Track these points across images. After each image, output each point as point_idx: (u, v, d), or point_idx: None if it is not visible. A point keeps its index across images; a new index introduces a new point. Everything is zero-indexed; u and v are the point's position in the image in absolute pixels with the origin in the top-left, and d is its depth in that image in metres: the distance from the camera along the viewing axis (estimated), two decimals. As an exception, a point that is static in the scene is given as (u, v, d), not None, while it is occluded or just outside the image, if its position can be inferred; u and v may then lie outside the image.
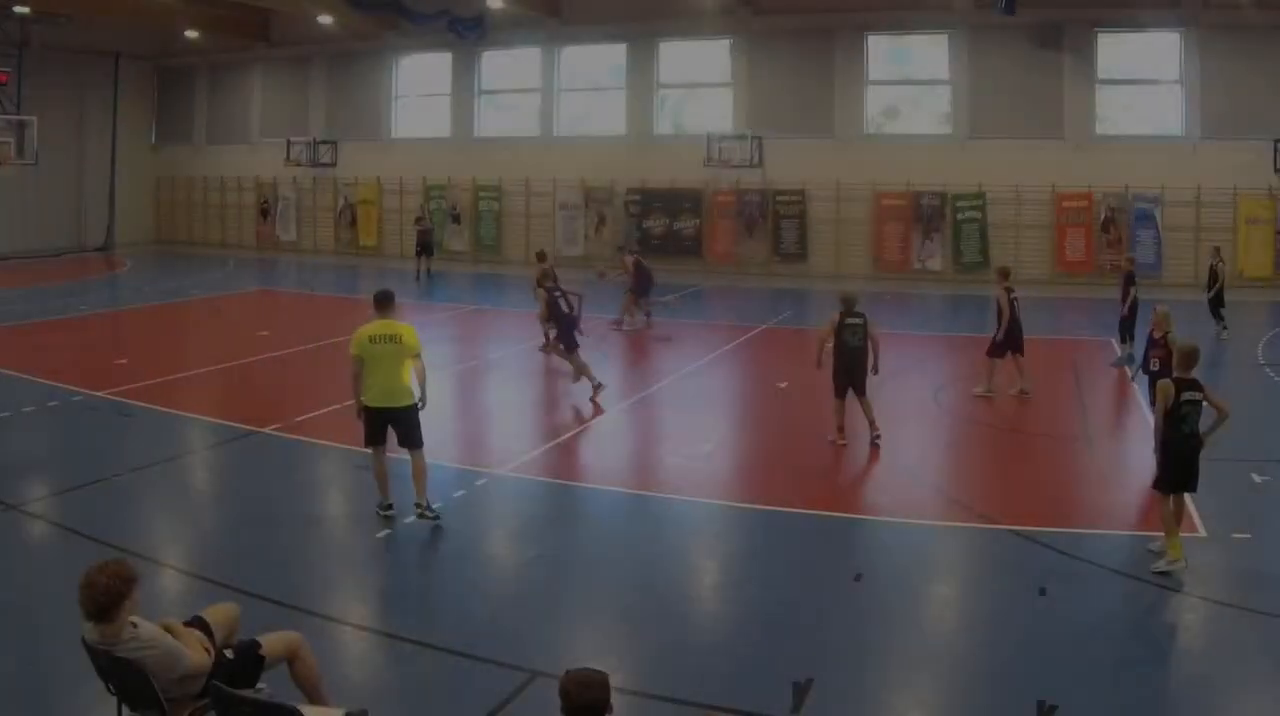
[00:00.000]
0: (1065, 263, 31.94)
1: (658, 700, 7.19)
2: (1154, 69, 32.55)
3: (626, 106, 35.04)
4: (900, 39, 34.23)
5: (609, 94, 35.63)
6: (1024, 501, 11.73)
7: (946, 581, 9.77)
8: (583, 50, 35.92)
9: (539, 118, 35.93)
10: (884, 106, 34.58)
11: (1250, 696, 7.48)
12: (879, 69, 34.10)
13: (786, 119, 33.27)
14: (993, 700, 7.33)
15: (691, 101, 35.86)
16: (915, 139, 33.72)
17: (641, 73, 34.90)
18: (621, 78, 35.19)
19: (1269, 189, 30.56)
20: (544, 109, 35.85)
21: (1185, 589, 9.14)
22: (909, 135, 34.12)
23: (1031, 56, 31.97)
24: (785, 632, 8.28)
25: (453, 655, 7.71)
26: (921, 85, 34.37)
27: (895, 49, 34.53)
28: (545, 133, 35.85)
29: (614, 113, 35.35)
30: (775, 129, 33.22)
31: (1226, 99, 31.02)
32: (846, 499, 12.13)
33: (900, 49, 34.56)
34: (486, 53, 36.62)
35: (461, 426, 15.37)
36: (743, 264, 33.61)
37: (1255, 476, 12.07)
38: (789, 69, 33.61)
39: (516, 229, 35.66)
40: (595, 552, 10.16)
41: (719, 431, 15.07)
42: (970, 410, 16.08)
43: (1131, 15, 31.73)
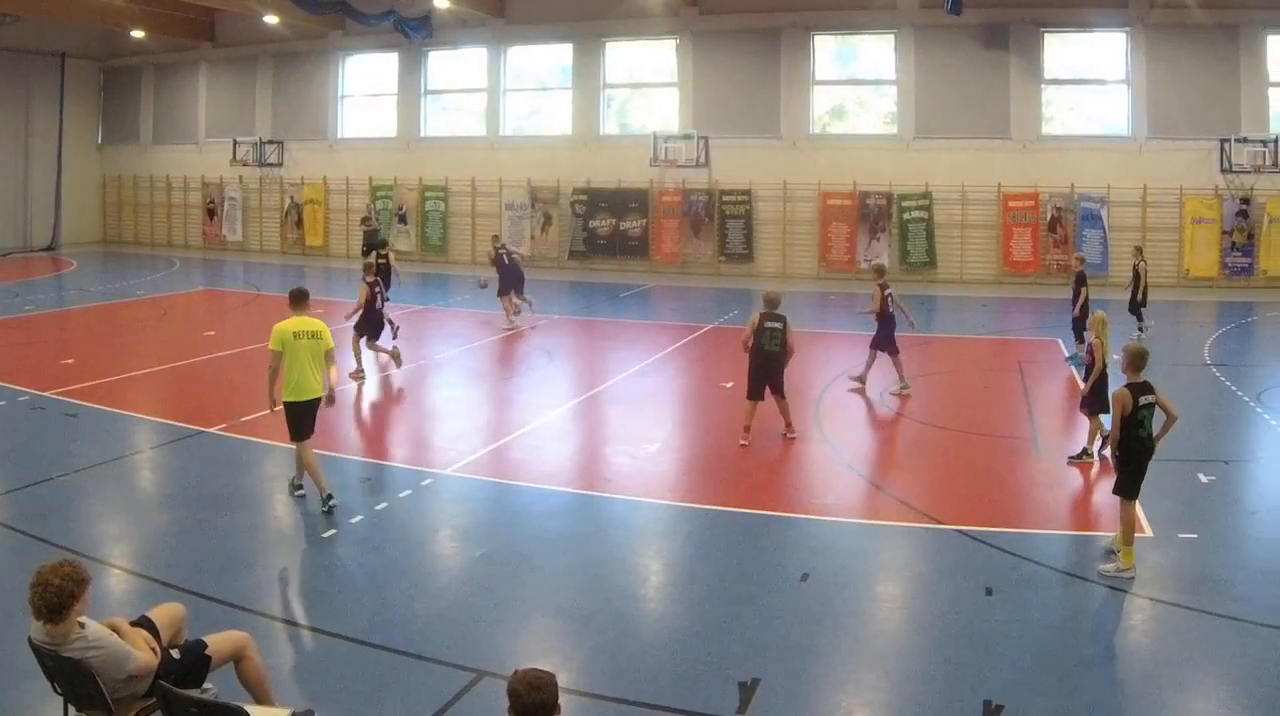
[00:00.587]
0: (1011, 262, 31.22)
1: (603, 700, 7.07)
2: (1100, 69, 31.96)
3: (572, 106, 34.15)
4: (846, 39, 33.51)
5: (555, 94, 34.78)
6: (971, 501, 11.52)
7: (893, 581, 9.62)
8: (528, 50, 35.05)
9: (485, 118, 35.06)
10: (830, 106, 33.81)
11: (1196, 696, 7.33)
12: (825, 69, 33.32)
13: (733, 119, 32.55)
14: (939, 700, 7.17)
15: (637, 101, 35.03)
16: (861, 139, 33.07)
17: (587, 73, 34.06)
18: (567, 78, 34.30)
19: (1215, 189, 30.07)
20: (490, 109, 34.93)
21: (1132, 589, 9.03)
22: (855, 135, 33.50)
23: (978, 56, 31.42)
24: (731, 632, 8.14)
25: (399, 655, 7.61)
26: (868, 85, 33.67)
27: (841, 49, 33.76)
28: (491, 133, 34.91)
29: (560, 113, 34.50)
30: (721, 129, 32.49)
31: (1173, 99, 30.46)
32: (793, 499, 11.88)
33: (846, 49, 33.79)
34: (432, 53, 35.75)
35: (407, 427, 15.23)
36: (689, 264, 32.77)
37: (1201, 477, 11.97)
38: (735, 69, 32.82)
39: (463, 229, 34.79)
40: (541, 552, 9.94)
41: (665, 431, 14.82)
42: (917, 410, 15.74)
43: (1078, 15, 31.26)
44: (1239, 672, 7.56)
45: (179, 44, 39.06)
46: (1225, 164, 29.95)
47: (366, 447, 13.57)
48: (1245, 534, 10.59)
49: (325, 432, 13.50)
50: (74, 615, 5.45)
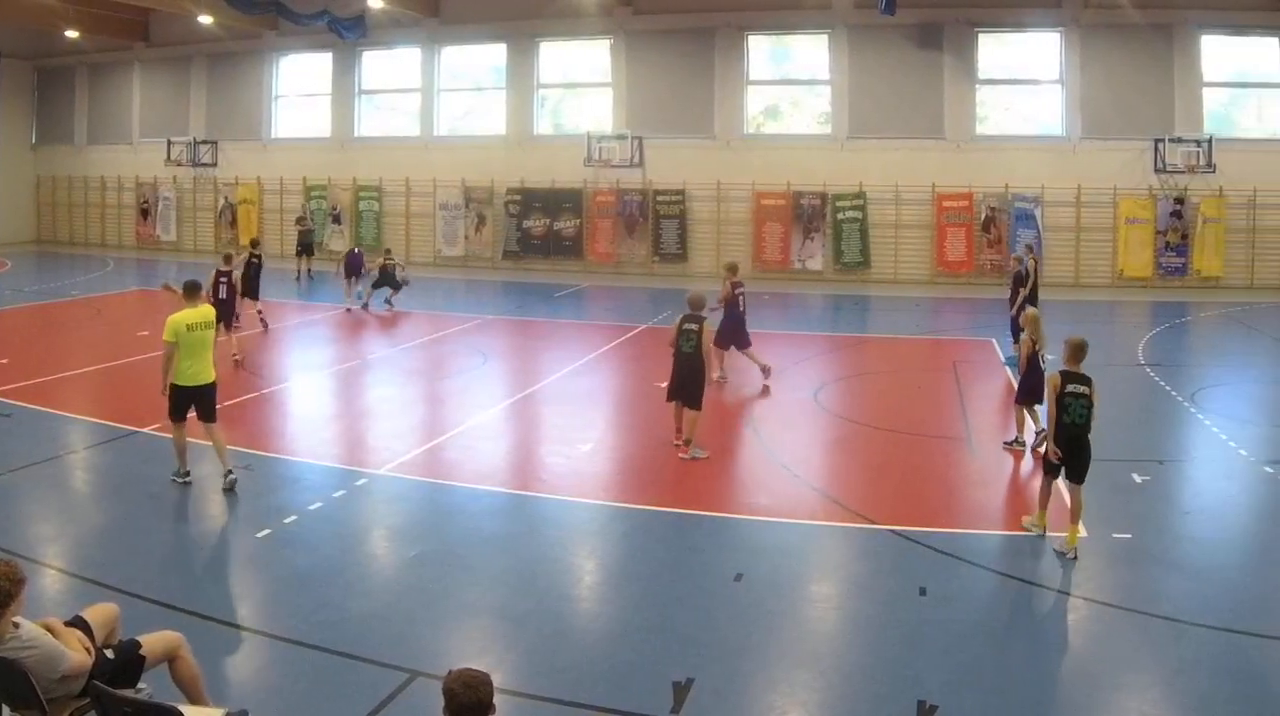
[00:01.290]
0: (946, 262, 30.35)
1: (538, 700, 6.94)
2: (1034, 69, 31.06)
3: (506, 106, 33.05)
4: (780, 39, 32.48)
5: (489, 94, 33.70)
6: (904, 501, 11.29)
7: (827, 581, 9.43)
8: (462, 50, 33.94)
9: (419, 118, 33.98)
10: (764, 106, 32.75)
11: (1131, 695, 7.20)
12: (759, 69, 32.26)
13: (667, 119, 31.53)
14: (873, 700, 7.06)
15: (571, 101, 33.88)
16: (796, 139, 32.03)
17: (521, 72, 32.95)
18: (501, 78, 33.19)
19: (1149, 189, 29.32)
20: (424, 109, 33.86)
21: (1066, 588, 8.96)
22: (789, 135, 32.43)
23: (912, 56, 30.55)
24: (665, 632, 8.00)
25: (333, 654, 7.47)
26: (802, 85, 32.64)
27: (775, 49, 32.68)
28: (425, 133, 33.86)
29: (494, 113, 33.42)
30: (655, 129, 31.45)
31: (1107, 99, 29.67)
32: (727, 498, 11.61)
33: (780, 49, 32.70)
34: (366, 53, 34.66)
35: (341, 426, 14.72)
36: (623, 264, 31.68)
37: (1136, 476, 11.78)
38: (669, 69, 31.77)
39: (397, 229, 33.70)
40: (475, 552, 9.74)
41: (599, 431, 14.50)
42: (851, 410, 15.51)
43: (1012, 15, 30.30)
44: (1173, 672, 7.44)
45: (113, 44, 37.75)
46: (1159, 164, 29.22)
47: (300, 447, 13.17)
48: (1179, 534, 10.39)
49: (259, 433, 13.69)
50: (9, 615, 5.39)
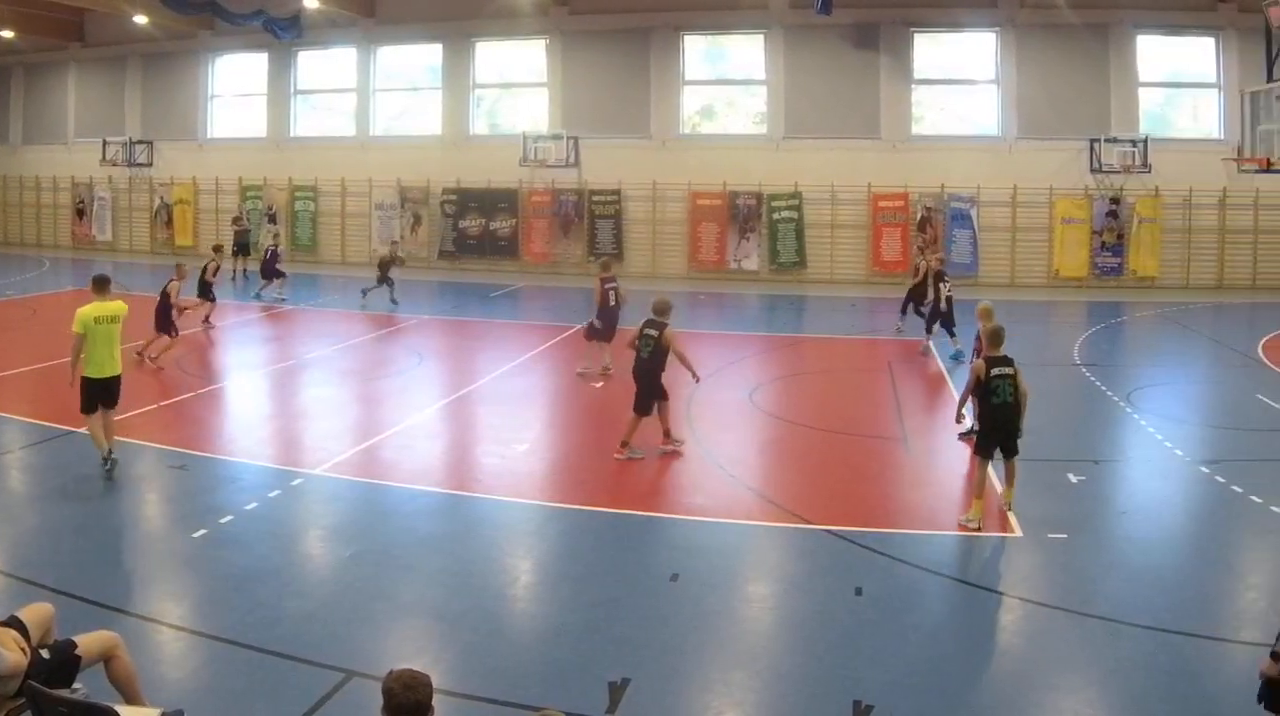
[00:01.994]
0: (881, 262, 29.39)
1: (474, 700, 6.76)
2: (970, 69, 30.15)
3: (442, 107, 31.96)
4: (716, 39, 31.43)
5: (424, 94, 32.63)
6: (840, 501, 11.05)
7: (763, 581, 9.23)
8: (398, 50, 32.84)
9: (355, 118, 32.94)
10: (700, 106, 31.66)
11: (1066, 695, 7.03)
12: (695, 69, 31.17)
13: (602, 119, 30.48)
14: (809, 700, 6.87)
15: (507, 101, 32.76)
16: (731, 139, 30.99)
17: (457, 73, 31.85)
18: (437, 78, 32.12)
19: (1085, 189, 28.61)
20: (360, 109, 32.81)
21: (1001, 588, 8.81)
22: (725, 135, 31.34)
23: (848, 56, 29.56)
24: (601, 632, 7.77)
25: (269, 655, 7.28)
26: (737, 85, 31.58)
27: (711, 49, 31.59)
28: (361, 133, 32.79)
29: (430, 113, 32.40)
30: (591, 129, 30.40)
31: (1043, 99, 28.77)
32: (662, 499, 11.41)
33: (716, 49, 31.62)
34: (302, 53, 33.52)
35: (277, 426, 14.34)
36: (559, 264, 30.61)
37: (1071, 477, 11.60)
38: (605, 69, 30.76)
39: (332, 229, 32.65)
40: (411, 552, 9.51)
41: (534, 431, 14.15)
42: (787, 410, 15.19)
43: (948, 15, 29.36)
44: (1108, 672, 7.29)
45: (48, 44, 36.44)
46: (1095, 164, 28.48)
47: (236, 448, 12.82)
48: (1115, 534, 10.16)
49: (195, 433, 13.37)
50: None
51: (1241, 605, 8.62)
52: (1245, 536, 10.32)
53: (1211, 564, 9.41)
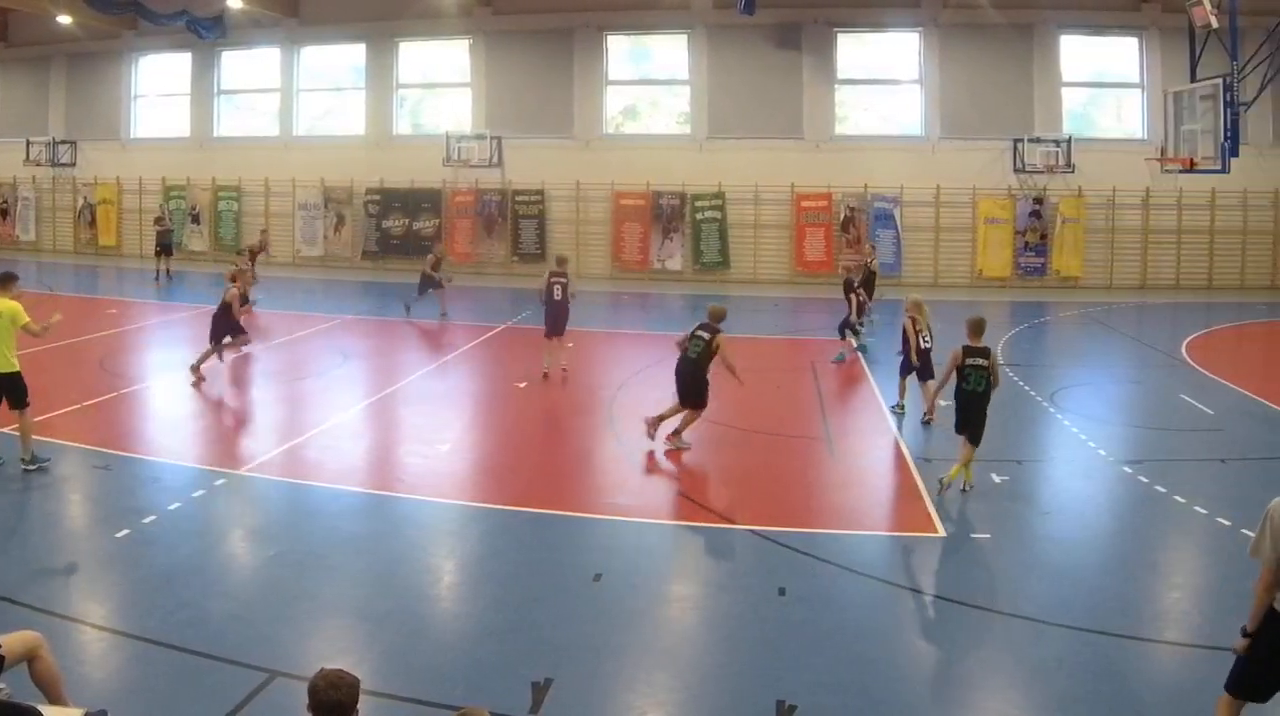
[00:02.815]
0: (805, 262, 28.46)
1: (397, 700, 6.65)
2: (894, 69, 29.21)
3: (366, 106, 30.95)
4: (639, 39, 30.39)
5: (348, 94, 31.69)
6: (764, 501, 10.76)
7: (686, 581, 8.95)
8: (322, 50, 31.85)
9: (278, 118, 31.91)
10: (623, 106, 30.58)
11: (990, 695, 6.97)
12: (618, 69, 30.12)
13: (526, 119, 29.49)
14: (732, 700, 6.75)
15: (431, 101, 31.71)
16: (655, 139, 29.94)
17: (380, 73, 30.84)
18: (361, 78, 31.13)
19: (1008, 189, 27.69)
20: (283, 109, 31.75)
21: (925, 588, 8.64)
22: (648, 135, 30.26)
23: (771, 56, 28.60)
24: (524, 632, 7.62)
25: (192, 655, 7.16)
26: (661, 85, 30.52)
27: (635, 49, 30.55)
28: (285, 133, 31.73)
29: (353, 113, 31.46)
30: (515, 129, 29.38)
31: (966, 99, 27.95)
32: (586, 498, 11.09)
33: (639, 49, 30.56)
34: (226, 52, 32.48)
35: (201, 426, 13.98)
36: (482, 264, 29.54)
37: (995, 477, 11.37)
38: (528, 69, 29.75)
39: (255, 229, 30.77)
40: (335, 552, 9.22)
41: (458, 431, 13.90)
42: (710, 410, 13.91)
43: (871, 15, 28.43)
44: (1031, 672, 7.14)
45: None
46: (1018, 164, 27.67)
47: (159, 447, 12.50)
48: (1038, 534, 10.00)
49: (118, 433, 12.99)
50: None
51: (1165, 605, 8.48)
52: (1168, 536, 10.17)
53: (1135, 564, 9.26)
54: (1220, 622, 7.68)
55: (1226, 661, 6.78)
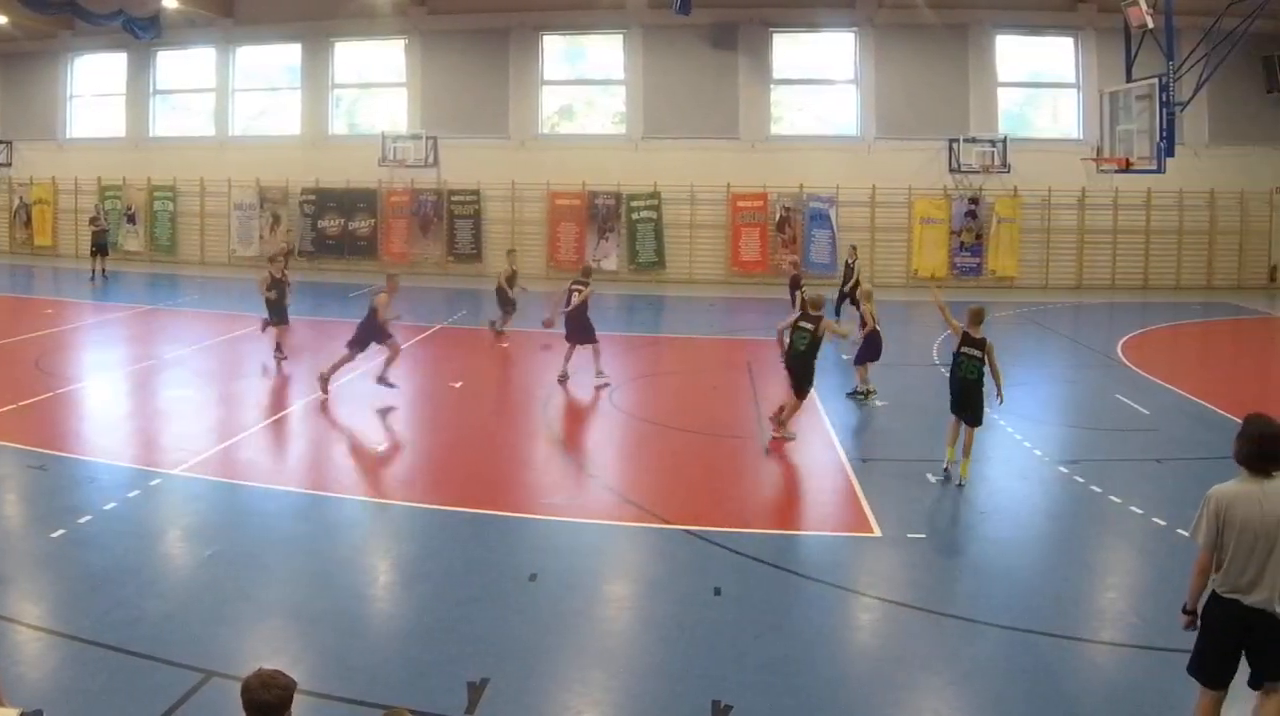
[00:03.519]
0: (740, 262, 27.78)
1: (333, 700, 6.56)
2: (829, 69, 28.48)
3: (301, 106, 30.19)
4: (575, 39, 29.67)
5: (283, 94, 30.99)
6: (699, 501, 10.55)
7: (622, 581, 8.80)
8: (257, 50, 31.17)
9: (214, 118, 31.23)
10: (559, 106, 29.79)
11: (925, 695, 6.85)
12: (554, 69, 29.34)
13: (461, 119, 28.79)
14: (668, 699, 6.64)
15: (366, 101, 31.02)
16: (590, 139, 29.18)
17: (316, 73, 30.09)
18: (296, 78, 30.41)
19: (944, 189, 27.00)
20: (219, 109, 31.06)
21: (860, 588, 8.48)
22: (584, 135, 29.50)
23: (707, 57, 27.84)
24: (460, 632, 7.49)
25: (128, 655, 7.05)
26: (596, 85, 29.79)
27: (570, 49, 29.79)
28: (220, 133, 31.02)
29: (289, 113, 30.78)
30: (450, 129, 28.68)
31: (902, 99, 27.29)
32: (522, 498, 10.81)
33: (575, 49, 29.82)
34: (161, 52, 31.71)
35: (136, 426, 13.69)
36: (418, 264, 28.72)
37: (930, 477, 11.21)
38: (464, 69, 29.04)
39: (191, 229, 30.90)
40: (270, 552, 9.10)
41: (394, 431, 13.57)
42: (646, 410, 14.69)
43: (806, 15, 27.66)
44: (967, 672, 7.04)
45: None
46: (954, 164, 26.99)
47: (95, 447, 12.33)
48: (973, 533, 9.81)
49: (54, 433, 12.72)
50: None
51: (1100, 605, 8.35)
52: (1104, 536, 9.98)
53: (1070, 564, 9.12)
54: (1156, 623, 7.69)
55: (1162, 661, 7.00)
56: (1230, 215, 27.96)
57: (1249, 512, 5.41)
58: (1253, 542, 5.39)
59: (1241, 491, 5.48)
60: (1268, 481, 5.47)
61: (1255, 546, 5.39)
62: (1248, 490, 5.47)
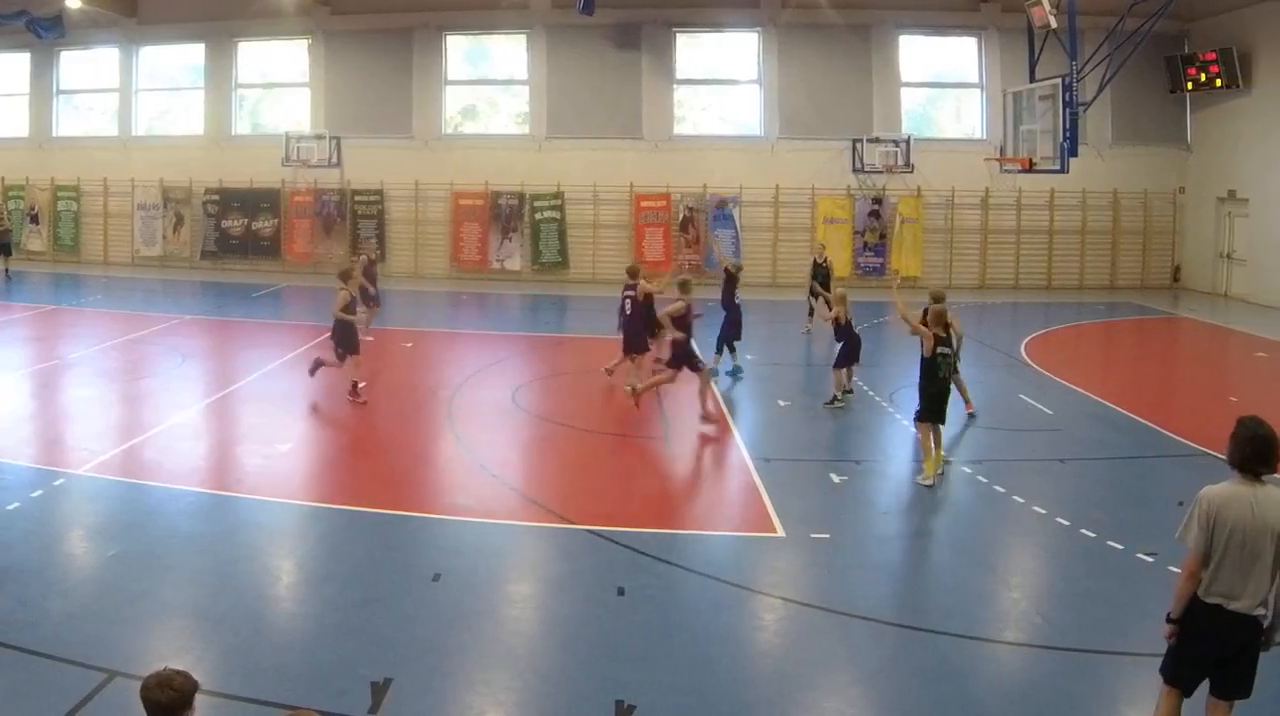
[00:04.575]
0: (644, 262, 25.07)
1: (236, 700, 6.52)
2: (733, 69, 28.24)
3: (205, 106, 29.80)
4: (478, 39, 29.37)
5: (187, 94, 30.61)
6: (602, 501, 10.54)
7: (525, 581, 8.79)
8: (161, 50, 30.76)
9: (117, 118, 30.79)
10: (462, 106, 29.45)
11: (829, 695, 6.86)
12: (457, 69, 28.99)
13: (365, 119, 28.45)
14: (571, 700, 6.63)
15: (270, 101, 30.64)
16: (494, 139, 28.88)
17: (219, 72, 29.70)
18: (200, 78, 30.03)
19: (847, 188, 26.69)
20: (122, 109, 30.64)
21: (764, 588, 8.46)
22: (487, 135, 29.20)
23: (610, 56, 27.58)
24: (364, 632, 7.47)
25: (30, 654, 7.03)
26: (500, 85, 29.50)
27: (474, 49, 29.47)
28: (124, 133, 30.58)
29: (192, 113, 30.39)
30: (354, 129, 28.36)
31: (805, 99, 27.05)
32: (425, 498, 10.78)
33: (478, 49, 29.48)
34: (65, 52, 31.15)
35: (39, 426, 13.50)
36: (321, 264, 28.24)
37: (834, 477, 11.21)
38: (367, 69, 28.69)
39: (95, 229, 30.49)
40: (174, 552, 8.99)
41: (297, 431, 13.41)
42: (549, 410, 14.60)
43: (710, 15, 27.41)
44: (871, 672, 7.06)
45: None
46: (857, 164, 26.63)
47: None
48: (877, 534, 9.72)
49: None
50: None
51: (1004, 605, 8.31)
52: (1008, 536, 9.98)
53: (974, 564, 9.09)
54: (1058, 623, 7.78)
55: (1065, 661, 7.10)
56: (1134, 215, 27.75)
57: (1241, 516, 5.31)
58: (1241, 546, 5.29)
59: (1234, 494, 5.38)
60: (1259, 486, 5.36)
61: (1244, 550, 5.29)
62: (1240, 493, 5.37)
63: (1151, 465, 12.17)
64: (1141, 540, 9.30)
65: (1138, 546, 9.20)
